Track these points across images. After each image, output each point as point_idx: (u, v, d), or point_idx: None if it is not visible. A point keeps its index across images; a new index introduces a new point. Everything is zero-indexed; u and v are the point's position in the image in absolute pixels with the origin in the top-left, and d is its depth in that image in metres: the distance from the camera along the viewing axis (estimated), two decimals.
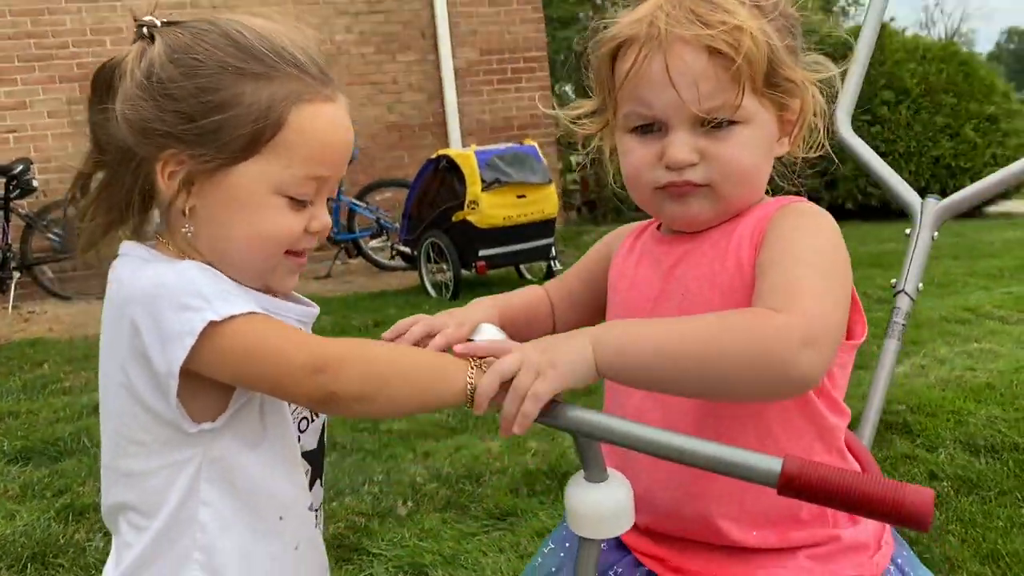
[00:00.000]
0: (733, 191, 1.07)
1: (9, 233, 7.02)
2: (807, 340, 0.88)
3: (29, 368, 4.99)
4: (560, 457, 3.12)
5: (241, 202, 1.00)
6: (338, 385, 0.91)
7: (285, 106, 0.98)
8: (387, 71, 8.71)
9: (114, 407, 1.02)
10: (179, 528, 1.01)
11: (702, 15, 1.01)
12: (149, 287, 0.95)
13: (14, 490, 3.14)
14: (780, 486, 0.81)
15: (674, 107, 1.04)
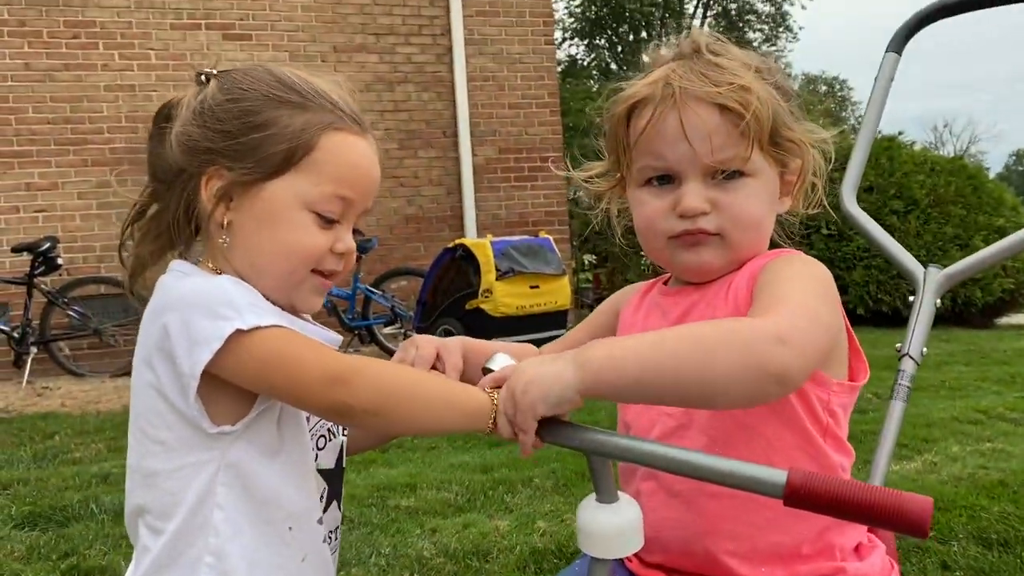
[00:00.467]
0: (742, 239, 1.15)
1: (31, 309, 7.13)
2: (780, 338, 0.92)
3: (40, 439, 5.00)
4: (569, 537, 3.09)
5: (273, 216, 1.09)
6: (353, 398, 0.96)
7: (317, 131, 1.09)
8: (408, 166, 8.97)
9: (141, 406, 1.07)
10: (194, 531, 1.04)
11: (712, 76, 1.12)
12: (186, 294, 1.03)
13: (20, 551, 3.13)
14: (786, 496, 0.84)
15: (688, 159, 1.12)
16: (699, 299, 1.17)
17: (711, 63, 1.13)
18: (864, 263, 9.61)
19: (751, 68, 1.14)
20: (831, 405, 1.12)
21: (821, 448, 1.11)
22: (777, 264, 1.12)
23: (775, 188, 1.17)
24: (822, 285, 1.07)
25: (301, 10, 8.53)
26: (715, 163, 1.11)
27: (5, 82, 7.60)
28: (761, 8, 28.76)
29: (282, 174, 1.08)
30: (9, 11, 7.61)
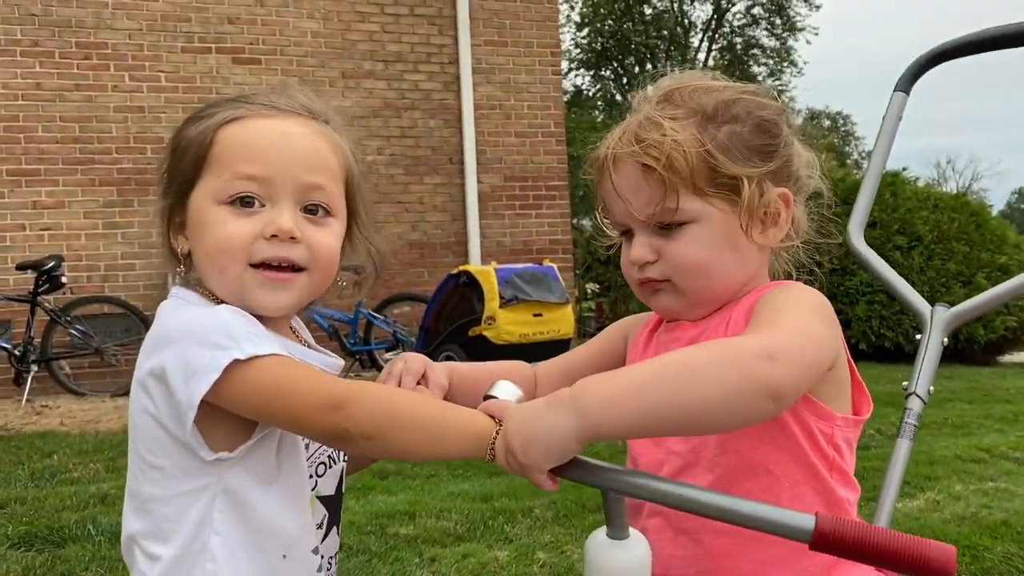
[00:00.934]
0: (691, 284, 1.17)
1: (33, 327, 7.13)
2: (768, 354, 0.93)
3: (38, 458, 4.98)
4: (568, 569, 3.07)
5: (196, 224, 1.09)
6: (351, 422, 0.95)
7: (211, 130, 1.09)
8: (413, 192, 9.01)
9: (138, 432, 1.06)
10: (191, 557, 1.03)
11: (639, 134, 1.16)
12: (185, 325, 1.02)
13: (16, 572, 3.11)
14: (813, 542, 0.83)
15: (628, 215, 1.18)
16: (698, 334, 1.18)
17: (649, 119, 1.16)
18: (867, 298, 9.61)
19: (700, 113, 1.16)
20: (835, 439, 1.12)
21: (827, 483, 1.11)
22: (773, 293, 1.13)
23: (726, 227, 1.15)
24: (816, 307, 1.08)
25: (311, 36, 8.61)
26: (644, 217, 1.15)
27: (16, 101, 7.67)
28: (766, 43, 29.03)
29: (195, 182, 1.09)
30: (22, 31, 7.69)
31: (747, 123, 1.17)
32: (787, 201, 1.18)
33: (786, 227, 1.19)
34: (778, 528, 0.86)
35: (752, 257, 1.18)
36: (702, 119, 1.15)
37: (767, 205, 1.16)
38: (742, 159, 1.15)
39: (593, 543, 0.98)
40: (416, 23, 9.03)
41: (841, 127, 39.64)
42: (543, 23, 9.58)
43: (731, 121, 1.16)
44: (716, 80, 1.24)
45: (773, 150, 1.18)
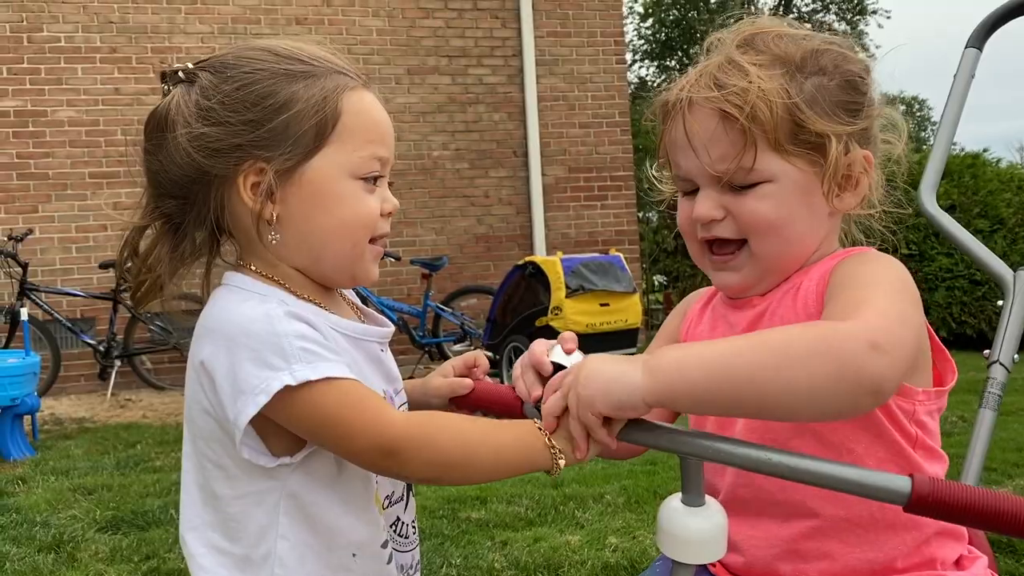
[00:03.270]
0: (765, 246, 1.09)
1: (115, 323, 7.39)
2: (874, 344, 0.85)
3: (123, 448, 5.17)
4: (641, 554, 3.05)
5: (323, 194, 1.03)
6: (406, 471, 0.96)
7: (337, 95, 1.04)
8: (479, 185, 9.05)
9: (198, 427, 1.03)
10: (258, 561, 1.02)
11: (719, 79, 1.06)
12: (236, 331, 0.97)
13: (104, 553, 3.23)
14: (911, 504, 0.81)
15: (697, 168, 1.09)
16: (765, 308, 1.12)
17: (732, 63, 1.07)
18: (946, 284, 9.30)
19: (786, 62, 1.07)
20: (918, 415, 1.07)
21: (912, 460, 1.06)
22: (851, 263, 1.06)
23: (805, 187, 1.08)
24: (904, 283, 1.01)
25: (376, 34, 8.72)
26: (718, 172, 1.07)
27: (96, 106, 7.95)
28: (837, 27, 28.32)
29: (319, 150, 1.03)
30: (101, 39, 7.97)
31: (835, 76, 1.09)
32: (870, 164, 1.11)
33: (864, 192, 1.12)
34: (873, 491, 0.83)
35: (823, 222, 1.11)
36: (790, 68, 1.07)
37: (850, 167, 1.09)
38: (829, 115, 1.07)
39: (667, 509, 0.95)
40: (479, 17, 9.06)
41: (917, 112, 38.43)
42: (606, 12, 9.52)
43: (819, 73, 1.08)
44: (797, 28, 1.15)
45: (859, 108, 1.10)
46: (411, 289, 8.43)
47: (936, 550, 1.08)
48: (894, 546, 1.07)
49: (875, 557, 1.07)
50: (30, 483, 4.31)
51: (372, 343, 1.11)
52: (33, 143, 7.80)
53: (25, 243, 7.20)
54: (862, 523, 1.07)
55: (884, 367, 0.85)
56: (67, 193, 7.86)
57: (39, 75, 7.82)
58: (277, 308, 0.99)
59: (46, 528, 3.51)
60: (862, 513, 1.06)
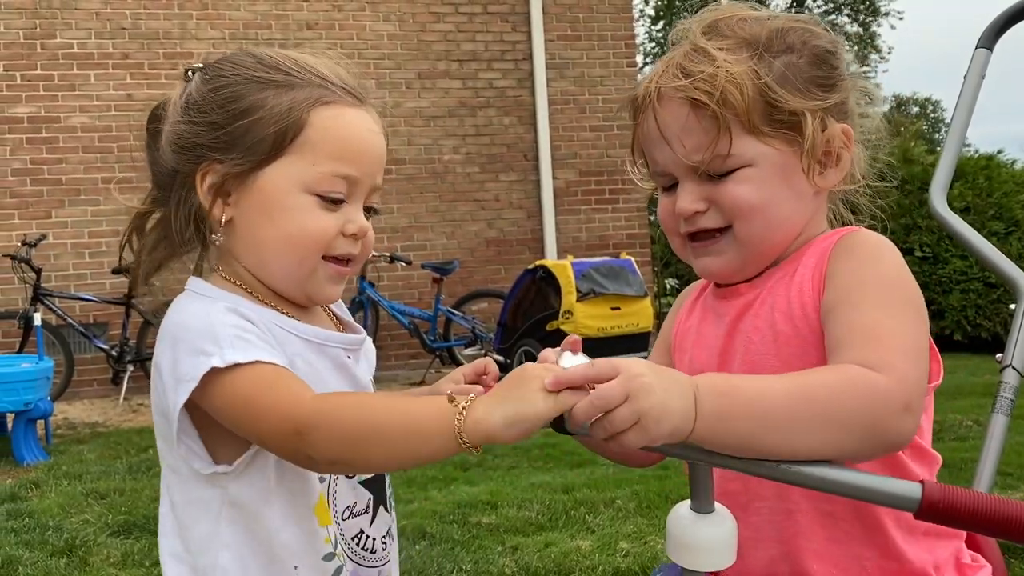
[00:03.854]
0: (750, 231, 1.06)
1: (128, 328, 7.43)
2: (908, 407, 0.88)
3: (135, 452, 5.19)
4: (652, 559, 3.03)
5: (273, 204, 1.03)
6: (313, 451, 0.91)
7: (305, 107, 1.03)
8: (489, 189, 9.05)
9: (159, 433, 1.06)
10: (204, 570, 1.02)
11: (686, 67, 1.04)
12: (175, 328, 1.00)
13: (115, 557, 3.24)
14: (921, 510, 0.80)
15: (674, 161, 1.07)
16: (754, 297, 1.09)
17: (698, 50, 1.05)
18: (961, 287, 9.25)
19: (752, 43, 1.06)
20: None
21: (900, 461, 1.04)
22: (851, 262, 1.02)
23: (785, 167, 1.05)
24: (909, 292, 0.99)
25: (387, 38, 8.74)
26: (694, 163, 1.05)
27: (108, 112, 8.00)
28: (849, 30, 28.20)
29: (275, 159, 1.03)
30: (114, 45, 8.02)
31: (803, 53, 1.07)
32: (849, 138, 1.08)
33: (847, 168, 1.09)
34: (883, 497, 0.83)
35: (808, 202, 1.09)
36: (757, 49, 1.05)
37: (829, 143, 1.06)
38: (802, 92, 1.05)
39: (676, 517, 0.94)
40: (490, 21, 9.07)
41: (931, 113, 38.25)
42: (617, 15, 9.51)
43: (787, 51, 1.06)
44: (760, 10, 1.14)
45: (833, 82, 1.08)
46: (422, 293, 8.44)
47: (920, 552, 1.06)
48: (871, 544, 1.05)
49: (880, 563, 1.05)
50: (43, 487, 4.33)
51: (337, 348, 1.10)
52: (46, 149, 7.85)
53: (39, 248, 7.25)
54: (844, 518, 1.06)
55: (911, 427, 0.89)
56: (80, 199, 7.91)
57: (52, 81, 7.88)
58: (220, 305, 1.01)
59: (59, 532, 3.53)
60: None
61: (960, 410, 5.34)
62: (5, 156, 7.76)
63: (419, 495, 3.91)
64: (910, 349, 0.93)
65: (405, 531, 3.40)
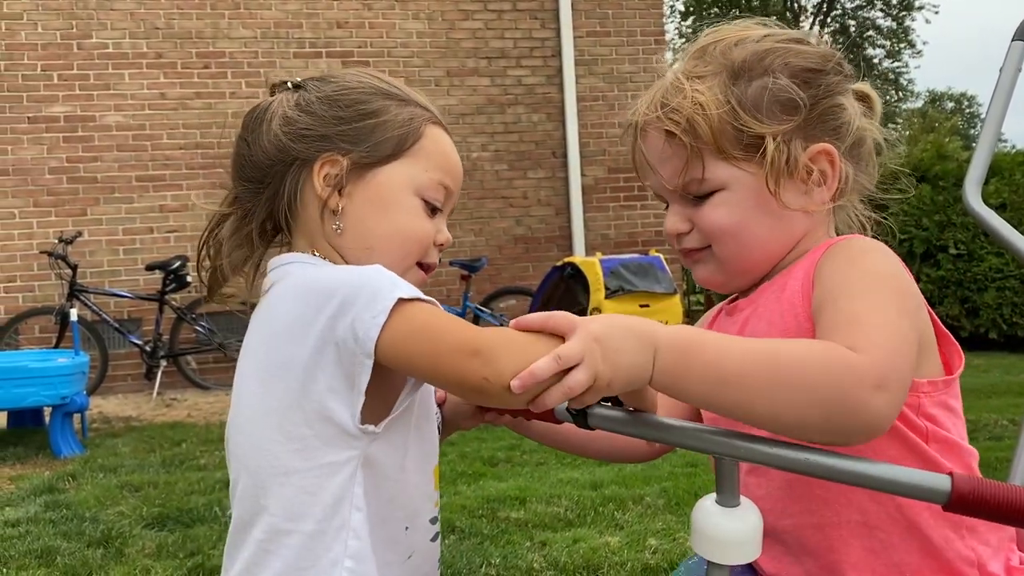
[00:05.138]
0: (727, 251, 1.12)
1: (161, 324, 7.53)
2: (880, 384, 0.85)
3: (168, 447, 5.26)
4: (681, 556, 3.03)
5: (386, 200, 1.11)
6: (489, 370, 0.89)
7: (422, 121, 1.15)
8: (517, 187, 9.06)
9: (270, 404, 1.02)
10: (331, 533, 1.00)
11: (663, 98, 1.10)
12: (338, 278, 0.99)
13: (150, 548, 3.29)
14: (951, 503, 0.80)
15: (659, 186, 1.15)
16: (751, 313, 1.12)
17: (674, 84, 1.11)
18: (997, 284, 9.10)
19: (729, 68, 1.09)
20: (925, 408, 1.03)
21: (927, 455, 1.03)
22: (836, 261, 1.03)
23: (762, 192, 1.07)
24: (894, 280, 0.99)
25: (416, 36, 8.78)
26: (675, 188, 1.11)
27: (142, 111, 8.11)
28: (882, 23, 27.85)
29: (395, 159, 1.12)
30: (147, 44, 8.13)
31: (781, 75, 1.09)
32: (831, 158, 1.09)
33: (833, 185, 1.10)
34: (912, 490, 0.82)
35: (796, 221, 1.10)
36: (730, 75, 1.09)
37: (803, 164, 1.07)
38: (770, 116, 1.07)
39: (701, 510, 0.94)
40: (519, 18, 9.08)
41: (966, 109, 37.70)
42: (646, 11, 9.47)
43: (763, 74, 1.09)
44: (761, 27, 1.15)
45: (810, 101, 1.08)
46: (450, 290, 8.47)
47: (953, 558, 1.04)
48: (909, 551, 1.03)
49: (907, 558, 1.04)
50: (80, 480, 4.41)
51: None
52: (82, 147, 7.98)
53: (74, 245, 7.37)
54: (881, 526, 1.05)
55: (885, 406, 0.86)
56: (114, 196, 8.03)
57: (88, 81, 8.00)
58: (372, 266, 1.03)
59: (95, 524, 3.59)
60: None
61: (995, 409, 5.27)
62: (42, 155, 7.90)
63: (448, 490, 3.93)
64: (890, 334, 0.91)
65: None
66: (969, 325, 9.14)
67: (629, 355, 0.88)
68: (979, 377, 7.02)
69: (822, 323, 0.97)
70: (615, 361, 0.87)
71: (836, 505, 1.04)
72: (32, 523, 3.67)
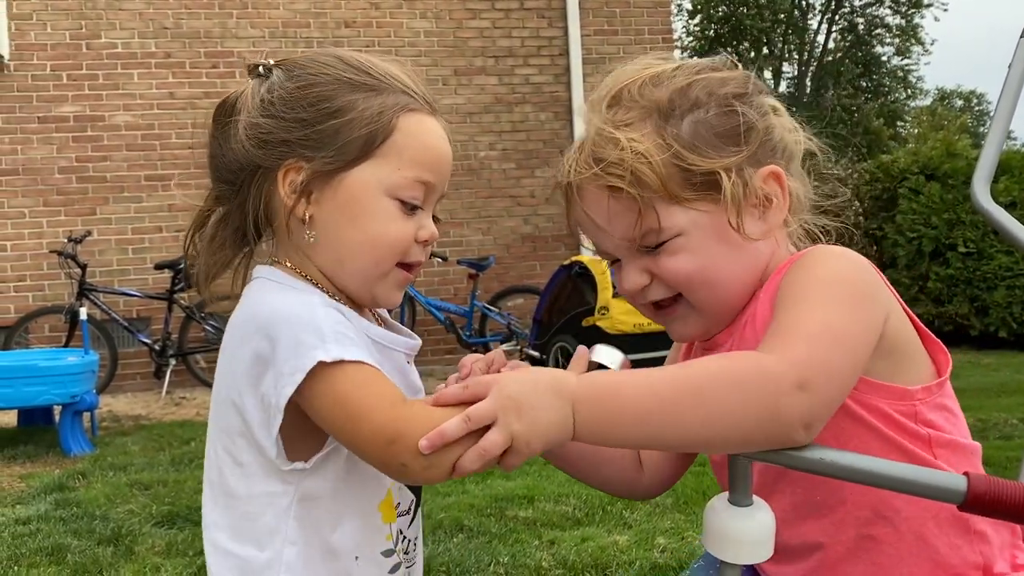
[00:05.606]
0: (701, 298, 1.06)
1: (170, 323, 7.55)
2: (801, 383, 0.85)
3: (178, 445, 5.27)
4: (690, 555, 3.03)
5: (356, 205, 1.03)
6: (408, 455, 0.89)
7: (394, 113, 1.05)
8: (525, 186, 9.06)
9: (223, 423, 1.03)
10: (263, 565, 1.01)
11: (597, 152, 1.03)
12: (275, 317, 0.97)
13: (160, 547, 3.31)
14: (967, 503, 0.80)
15: (611, 244, 1.08)
16: (732, 345, 1.09)
17: (602, 134, 1.04)
18: (1007, 283, 9.06)
19: (655, 109, 1.04)
20: (923, 415, 1.02)
21: (933, 463, 1.02)
22: (793, 274, 1.00)
23: (720, 228, 1.03)
24: (848, 289, 0.96)
25: (424, 35, 8.79)
26: (630, 241, 1.04)
27: (151, 110, 8.13)
28: (891, 21, 27.75)
29: (363, 161, 1.03)
30: (156, 44, 8.15)
31: (710, 106, 1.05)
32: (779, 179, 1.06)
33: (785, 205, 1.07)
34: (928, 490, 0.82)
35: (760, 246, 1.07)
36: (659, 117, 1.04)
37: (756, 190, 1.04)
38: (715, 150, 1.03)
39: (713, 510, 0.94)
40: (526, 16, 9.07)
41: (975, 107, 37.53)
42: (654, 9, 9.46)
43: (692, 109, 1.04)
44: (662, 62, 1.11)
45: (747, 128, 1.04)
46: (458, 289, 8.47)
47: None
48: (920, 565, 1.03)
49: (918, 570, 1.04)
50: (90, 478, 4.43)
51: (399, 352, 1.11)
52: (91, 147, 8.01)
53: (84, 245, 7.40)
54: (888, 541, 1.04)
55: (809, 403, 0.85)
56: (123, 196, 8.06)
57: (97, 81, 8.03)
58: (317, 299, 1.01)
59: (105, 522, 3.60)
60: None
61: (1005, 408, 5.24)
62: (52, 154, 7.93)
63: (456, 489, 3.93)
64: (817, 332, 0.90)
65: (442, 524, 3.42)
66: (979, 324, 9.10)
67: (546, 412, 0.87)
68: (989, 376, 6.99)
69: (767, 331, 0.95)
70: (532, 419, 0.86)
71: (843, 524, 1.04)
72: (42, 521, 3.69)
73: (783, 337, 0.90)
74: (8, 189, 7.85)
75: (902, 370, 1.01)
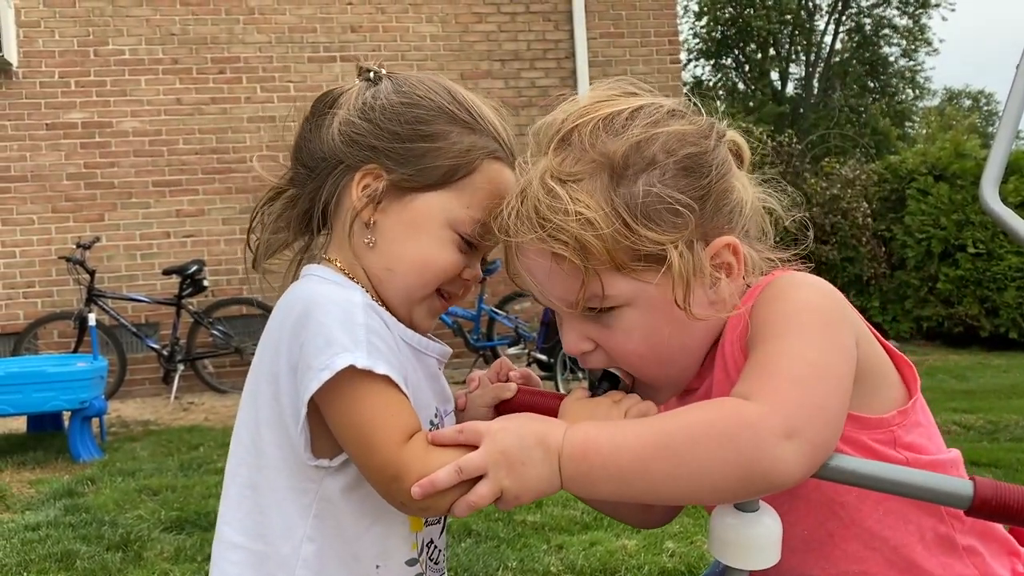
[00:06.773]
0: (652, 374, 1.02)
1: (179, 328, 7.57)
2: (788, 431, 0.82)
3: (186, 450, 5.29)
4: (699, 559, 3.01)
5: (419, 226, 1.07)
6: (407, 496, 0.91)
7: (481, 156, 1.08)
8: None
9: (251, 416, 1.04)
10: (281, 558, 1.01)
11: (542, 212, 0.95)
12: (314, 309, 0.98)
13: (169, 552, 3.31)
14: (974, 508, 0.80)
15: (551, 303, 1.01)
16: (704, 392, 1.05)
17: (549, 190, 0.96)
18: (1016, 283, 9.02)
19: (607, 166, 0.96)
20: (902, 440, 1.00)
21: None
22: (761, 307, 0.96)
23: (666, 298, 0.96)
24: (819, 317, 0.92)
25: (430, 39, 8.80)
26: (571, 306, 0.98)
27: (159, 116, 8.16)
28: (898, 22, 27.67)
29: (438, 189, 1.07)
30: (163, 50, 8.18)
31: (667, 169, 0.97)
32: (735, 249, 0.99)
33: (739, 275, 1.00)
34: (935, 495, 0.82)
35: (715, 309, 1.00)
36: (610, 176, 0.96)
37: (705, 268, 0.97)
38: (666, 220, 0.95)
39: (720, 515, 0.93)
40: (532, 20, 9.08)
41: (984, 107, 37.39)
42: (660, 12, 9.45)
43: (646, 169, 0.96)
44: (620, 97, 1.03)
45: (703, 192, 0.98)
46: None
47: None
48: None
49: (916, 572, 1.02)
50: (99, 483, 4.44)
51: (432, 358, 1.12)
52: (99, 153, 8.04)
53: (92, 250, 7.44)
54: (848, 539, 1.03)
55: (797, 454, 0.82)
56: (131, 201, 8.09)
57: (105, 87, 8.06)
58: (359, 297, 1.01)
59: (114, 527, 3.61)
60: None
61: (1016, 410, 5.21)
62: (60, 160, 7.97)
63: None
64: (799, 374, 0.86)
65: (451, 529, 3.42)
66: (989, 325, 9.06)
67: (535, 467, 0.87)
68: (999, 378, 6.96)
69: (743, 373, 0.92)
70: (521, 474, 0.87)
71: (833, 558, 1.03)
72: (52, 527, 3.70)
73: (763, 381, 0.87)
74: (17, 195, 7.89)
75: (877, 395, 0.99)
